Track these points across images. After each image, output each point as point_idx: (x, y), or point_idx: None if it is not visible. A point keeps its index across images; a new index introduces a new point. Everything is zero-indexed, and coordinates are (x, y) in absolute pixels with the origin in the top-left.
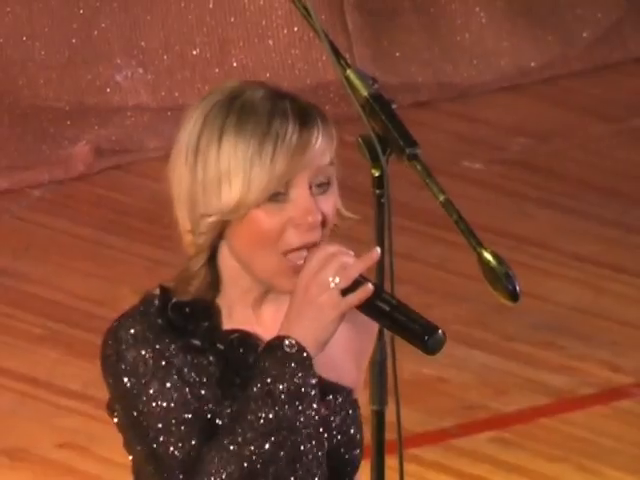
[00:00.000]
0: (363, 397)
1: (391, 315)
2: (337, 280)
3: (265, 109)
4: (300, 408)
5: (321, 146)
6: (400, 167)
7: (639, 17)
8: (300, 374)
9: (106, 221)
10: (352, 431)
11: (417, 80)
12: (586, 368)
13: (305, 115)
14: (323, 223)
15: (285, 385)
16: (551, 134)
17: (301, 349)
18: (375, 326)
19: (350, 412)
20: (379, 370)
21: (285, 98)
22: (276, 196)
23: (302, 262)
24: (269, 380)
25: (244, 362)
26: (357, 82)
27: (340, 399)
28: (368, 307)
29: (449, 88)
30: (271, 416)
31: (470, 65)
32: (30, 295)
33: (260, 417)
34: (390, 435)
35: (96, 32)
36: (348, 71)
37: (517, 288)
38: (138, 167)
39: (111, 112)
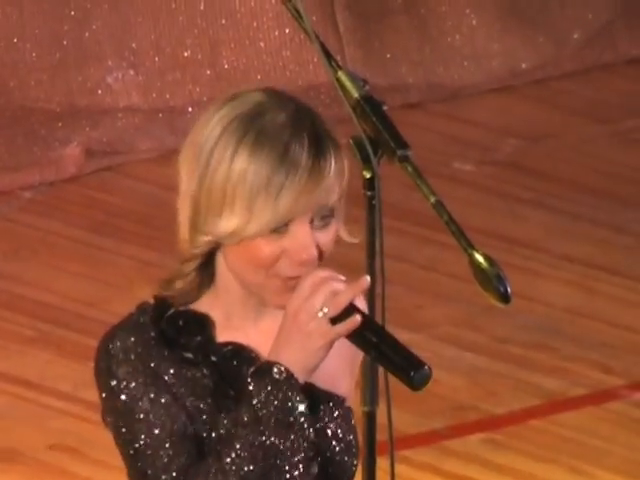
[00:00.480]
0: (354, 398)
1: (378, 347)
2: (325, 310)
3: (282, 139)
4: (288, 435)
5: (329, 185)
6: (391, 168)
7: (630, 18)
8: (289, 401)
9: (97, 222)
10: (348, 438)
11: (408, 81)
12: (577, 369)
13: (320, 152)
14: (319, 256)
15: (273, 412)
16: (542, 135)
17: (289, 376)
18: None
19: (346, 419)
20: (370, 371)
21: (304, 127)
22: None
23: (293, 281)
24: (258, 406)
25: (238, 374)
26: (348, 84)
27: (335, 407)
28: (356, 337)
29: (440, 89)
30: (257, 443)
31: (461, 66)
32: (21, 297)
33: (248, 443)
34: (381, 436)
35: (87, 34)
36: (339, 73)
37: (508, 290)
38: (129, 169)
39: (102, 114)
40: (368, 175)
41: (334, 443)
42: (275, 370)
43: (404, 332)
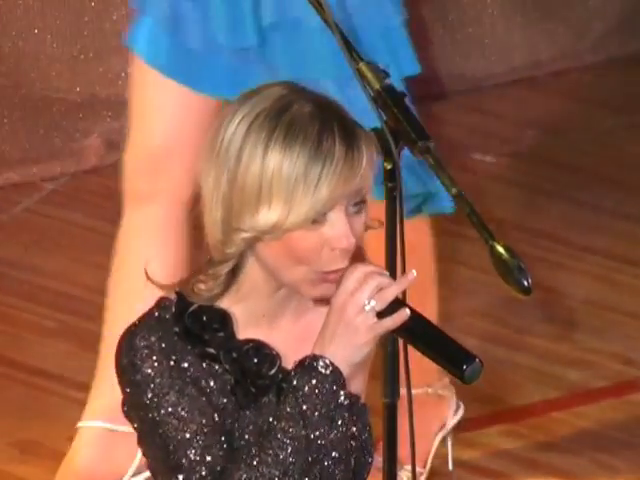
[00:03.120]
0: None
1: (427, 341)
2: (373, 303)
3: (314, 129)
4: (331, 429)
5: (364, 172)
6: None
7: None
8: (333, 396)
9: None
10: (363, 437)
11: (428, 72)
12: (598, 361)
13: (352, 140)
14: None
15: (318, 406)
16: (563, 127)
17: (335, 370)
18: None
19: (361, 418)
20: (391, 363)
21: (332, 116)
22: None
23: (332, 274)
24: (302, 400)
25: (259, 372)
26: (369, 75)
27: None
28: (403, 331)
29: (460, 81)
30: (302, 437)
31: (482, 57)
32: (42, 288)
33: (291, 437)
34: None
35: (107, 25)
36: (360, 64)
37: (529, 281)
38: None
39: (123, 104)
40: (389, 166)
41: (352, 443)
42: (321, 364)
43: None
